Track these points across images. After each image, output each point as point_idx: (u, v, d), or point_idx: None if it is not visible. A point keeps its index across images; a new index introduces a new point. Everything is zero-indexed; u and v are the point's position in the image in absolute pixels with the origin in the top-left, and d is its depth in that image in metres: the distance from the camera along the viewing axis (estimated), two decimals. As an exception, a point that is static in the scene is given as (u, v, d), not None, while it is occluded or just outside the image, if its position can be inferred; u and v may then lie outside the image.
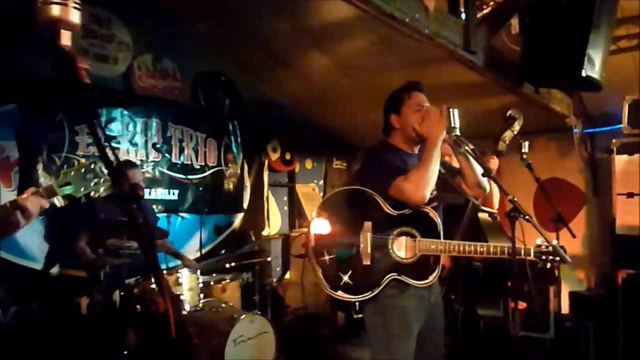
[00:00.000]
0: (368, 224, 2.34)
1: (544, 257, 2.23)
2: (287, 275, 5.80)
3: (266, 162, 5.76)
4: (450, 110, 2.33)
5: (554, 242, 2.20)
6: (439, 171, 2.43)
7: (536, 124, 5.41)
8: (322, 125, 6.04)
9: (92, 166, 1.69)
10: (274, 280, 5.59)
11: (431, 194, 2.47)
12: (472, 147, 2.31)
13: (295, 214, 6.16)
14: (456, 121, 2.34)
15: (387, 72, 4.30)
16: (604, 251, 4.90)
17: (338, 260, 2.34)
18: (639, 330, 3.88)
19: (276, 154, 5.94)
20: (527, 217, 2.10)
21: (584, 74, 3.02)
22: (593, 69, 3.08)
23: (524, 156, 3.33)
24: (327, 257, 2.35)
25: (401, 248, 2.33)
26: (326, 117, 5.87)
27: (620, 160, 4.24)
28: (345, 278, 2.32)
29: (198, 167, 4.93)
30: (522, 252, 2.23)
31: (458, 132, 2.34)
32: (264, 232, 5.60)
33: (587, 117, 5.17)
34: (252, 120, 5.32)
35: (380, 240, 2.33)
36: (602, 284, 4.97)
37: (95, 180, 1.68)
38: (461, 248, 2.30)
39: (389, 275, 2.31)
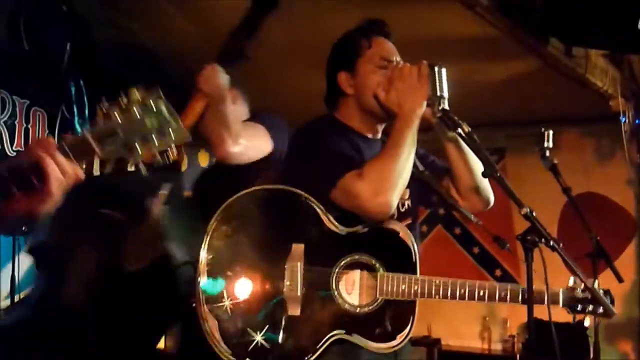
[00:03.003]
0: (298, 249, 2.33)
1: (579, 307, 2.28)
2: (162, 344, 5.67)
3: (133, 152, 5.65)
4: (435, 69, 2.37)
5: (595, 282, 2.26)
6: (416, 168, 2.44)
7: (565, 108, 5.68)
8: (227, 96, 5.99)
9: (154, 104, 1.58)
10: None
11: (402, 204, 2.47)
12: (468, 129, 2.34)
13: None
14: (444, 87, 2.37)
15: (336, 13, 4.32)
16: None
17: (247, 308, 2.32)
18: None
19: (151, 140, 5.84)
20: (552, 242, 2.14)
21: (640, 26, 3.17)
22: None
23: (547, 153, 3.40)
24: (227, 303, 2.32)
25: (352, 289, 2.33)
26: (235, 84, 5.80)
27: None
28: (259, 338, 2.30)
29: (13, 154, 4.83)
30: (545, 297, 2.26)
31: (447, 105, 2.36)
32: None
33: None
34: (111, 80, 5.17)
35: (318, 275, 2.33)
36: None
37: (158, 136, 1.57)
38: (450, 290, 2.32)
39: (331, 334, 2.29)
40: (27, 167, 1.52)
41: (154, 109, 1.58)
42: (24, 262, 4.79)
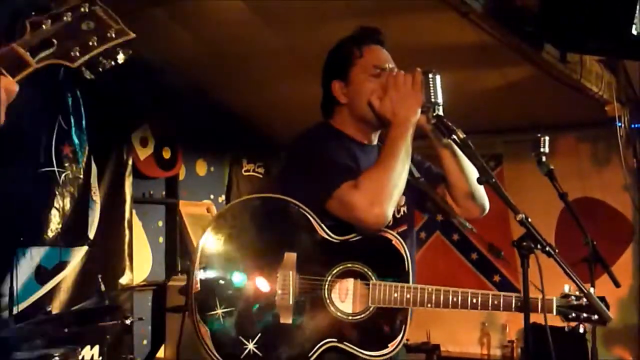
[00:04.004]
0: (291, 257, 2.33)
1: (572, 315, 2.28)
2: (161, 352, 5.68)
3: (130, 162, 5.69)
4: (430, 75, 2.37)
5: (591, 289, 2.25)
6: (411, 174, 2.44)
7: (561, 113, 5.70)
8: (224, 104, 5.99)
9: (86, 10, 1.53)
10: (138, 360, 5.47)
11: (398, 211, 2.46)
12: (463, 136, 2.35)
13: (178, 249, 6.13)
14: (438, 94, 2.38)
15: (331, 22, 4.34)
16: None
17: (239, 316, 2.32)
18: None
19: (147, 150, 5.88)
20: (547, 248, 2.13)
21: (634, 31, 3.16)
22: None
23: (543, 158, 3.42)
24: (219, 312, 2.31)
25: (345, 297, 2.33)
26: (232, 92, 5.83)
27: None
28: (251, 346, 2.29)
29: (11, 164, 4.76)
30: (539, 304, 2.25)
31: (441, 112, 2.37)
32: (123, 279, 5.52)
33: (638, 106, 5.43)
34: (108, 89, 5.19)
35: (310, 283, 2.32)
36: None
37: (96, 38, 1.53)
38: (442, 298, 2.31)
39: (323, 342, 2.29)
40: None
41: (88, 12, 1.55)
42: (23, 273, 4.80)
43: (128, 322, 4.65)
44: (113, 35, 1.55)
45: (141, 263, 5.83)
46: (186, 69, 5.58)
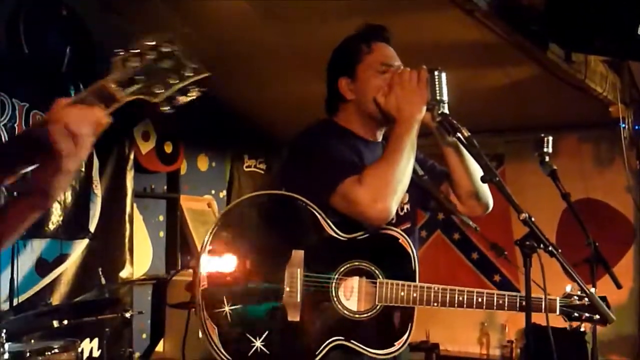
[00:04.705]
0: (298, 255, 2.33)
1: (575, 315, 2.29)
2: (160, 347, 5.67)
3: (132, 156, 5.69)
4: (435, 73, 2.38)
5: (592, 290, 2.25)
6: (415, 172, 2.43)
7: (564, 113, 5.69)
8: (226, 101, 5.99)
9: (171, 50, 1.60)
10: (137, 354, 5.46)
11: (401, 208, 2.46)
12: (468, 134, 2.35)
13: (178, 243, 6.12)
14: (444, 92, 2.38)
15: (333, 20, 4.33)
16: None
17: (246, 314, 2.32)
18: None
19: (149, 144, 5.88)
20: (550, 248, 2.14)
21: (639, 32, 3.16)
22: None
23: (546, 159, 3.41)
24: (227, 309, 2.32)
25: (352, 295, 2.34)
26: (234, 88, 5.82)
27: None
28: (258, 344, 2.30)
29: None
30: (543, 305, 2.26)
31: (447, 110, 2.37)
32: (123, 273, 5.52)
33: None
34: (110, 84, 5.19)
35: (317, 281, 2.33)
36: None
37: (175, 76, 1.60)
38: (448, 297, 2.32)
39: (330, 340, 2.30)
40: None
41: (168, 51, 1.61)
42: (24, 265, 4.81)
43: (128, 315, 4.67)
44: (190, 73, 1.62)
45: (141, 257, 5.83)
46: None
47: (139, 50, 1.59)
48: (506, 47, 3.97)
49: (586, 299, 2.29)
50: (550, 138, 3.40)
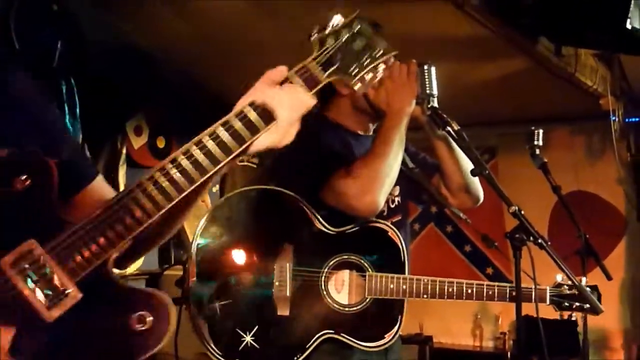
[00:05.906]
0: (288, 249, 2.34)
1: (565, 304, 2.30)
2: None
3: (124, 151, 5.67)
4: (425, 67, 2.38)
5: (584, 279, 2.27)
6: (406, 165, 2.44)
7: (555, 106, 5.69)
8: (220, 95, 5.95)
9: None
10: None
11: (392, 201, 2.46)
12: (457, 127, 2.36)
13: (171, 239, 6.06)
14: (433, 86, 2.39)
15: (327, 12, 4.31)
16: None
17: (237, 308, 2.32)
18: None
19: (142, 139, 5.85)
20: (540, 240, 2.15)
21: (629, 25, 3.16)
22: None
23: (537, 151, 3.42)
24: (217, 304, 2.31)
25: (342, 288, 2.34)
26: (228, 83, 5.79)
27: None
28: (248, 338, 2.30)
29: (3, 155, 4.76)
30: (533, 294, 2.27)
31: (436, 103, 2.37)
32: (116, 269, 5.47)
33: (632, 100, 5.44)
34: (101, 78, 5.18)
35: (307, 275, 2.33)
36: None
37: (368, 55, 1.58)
38: (438, 288, 2.33)
39: (320, 334, 2.30)
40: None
41: (359, 30, 1.60)
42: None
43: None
44: (381, 53, 1.59)
45: (135, 253, 5.83)
46: (182, 59, 5.55)
47: (334, 30, 1.58)
48: (497, 41, 3.95)
49: (574, 289, 2.31)
50: (541, 131, 3.41)
